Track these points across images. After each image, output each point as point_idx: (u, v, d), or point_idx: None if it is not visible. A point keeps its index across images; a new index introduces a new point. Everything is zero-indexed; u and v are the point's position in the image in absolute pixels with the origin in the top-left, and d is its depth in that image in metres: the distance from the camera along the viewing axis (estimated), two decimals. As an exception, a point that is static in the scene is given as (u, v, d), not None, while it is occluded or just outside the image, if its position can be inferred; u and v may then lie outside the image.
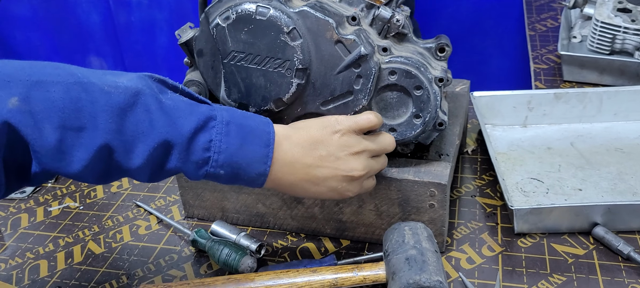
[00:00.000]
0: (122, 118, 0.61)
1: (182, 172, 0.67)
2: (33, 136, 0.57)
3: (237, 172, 0.68)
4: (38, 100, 0.57)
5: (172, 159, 0.65)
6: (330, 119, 0.74)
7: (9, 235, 0.99)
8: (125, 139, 0.61)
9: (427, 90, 0.79)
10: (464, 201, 0.99)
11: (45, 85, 0.58)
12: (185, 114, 0.65)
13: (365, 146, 0.75)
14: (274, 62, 0.74)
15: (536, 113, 1.15)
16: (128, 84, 0.62)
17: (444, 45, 0.85)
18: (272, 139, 0.69)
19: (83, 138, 0.59)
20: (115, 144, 0.61)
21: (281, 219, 0.94)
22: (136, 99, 0.62)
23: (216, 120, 0.67)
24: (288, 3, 0.74)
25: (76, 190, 1.09)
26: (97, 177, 0.64)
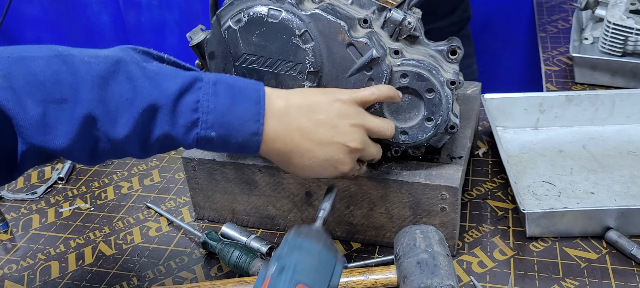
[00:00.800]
0: (103, 87, 0.59)
1: (173, 140, 0.65)
2: (16, 111, 0.56)
3: (229, 134, 0.65)
4: (19, 75, 0.57)
5: (160, 124, 0.63)
6: (333, 88, 0.73)
7: (20, 236, 0.99)
8: (108, 107, 0.60)
9: (439, 93, 0.79)
10: (475, 204, 0.98)
11: (26, 61, 0.58)
12: (170, 77, 0.63)
13: (364, 120, 0.73)
14: (285, 65, 0.74)
15: (548, 115, 1.14)
16: (109, 54, 0.62)
17: (455, 48, 0.84)
18: (262, 97, 0.67)
19: (66, 110, 0.58)
20: (98, 113, 0.59)
21: (292, 221, 0.94)
22: (117, 66, 0.61)
23: (203, 81, 0.65)
24: (300, 6, 0.74)
25: (87, 191, 1.10)
26: (87, 153, 0.62)
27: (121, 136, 0.61)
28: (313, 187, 0.89)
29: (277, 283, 0.60)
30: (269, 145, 0.68)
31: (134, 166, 1.16)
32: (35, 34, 2.36)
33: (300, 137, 0.69)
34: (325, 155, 0.70)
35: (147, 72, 0.63)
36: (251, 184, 0.92)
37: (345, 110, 0.71)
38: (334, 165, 0.72)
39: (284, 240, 0.66)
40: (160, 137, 0.64)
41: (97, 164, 0.67)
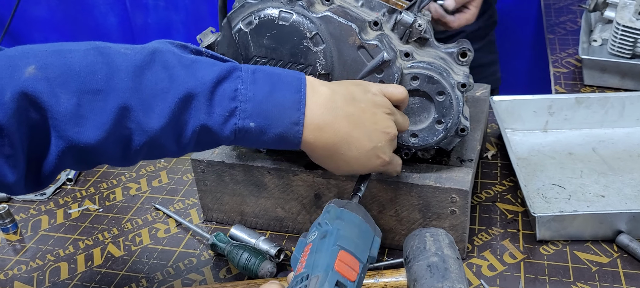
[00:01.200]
0: (139, 76, 0.58)
1: (210, 131, 0.62)
2: (50, 102, 0.55)
3: (268, 123, 0.62)
4: (54, 67, 0.56)
5: (196, 113, 0.60)
6: (361, 81, 0.72)
7: (29, 237, 0.99)
8: (143, 97, 0.58)
9: (450, 95, 0.78)
10: (485, 207, 0.98)
11: (63, 53, 0.57)
12: (207, 66, 0.61)
13: (394, 110, 0.73)
14: (296, 67, 0.74)
15: (557, 118, 1.14)
16: (146, 45, 0.61)
17: (466, 50, 0.84)
18: (304, 85, 0.64)
19: (100, 100, 0.56)
20: (133, 103, 0.57)
21: (300, 223, 0.94)
22: (153, 56, 0.59)
23: (241, 70, 0.62)
24: (311, 8, 0.74)
25: (95, 192, 1.10)
26: (121, 148, 0.60)
27: (156, 127, 0.59)
28: (322, 189, 0.89)
29: (321, 247, 0.61)
30: (317, 135, 0.65)
31: (142, 167, 1.16)
32: (42, 35, 2.37)
33: (349, 124, 0.66)
34: (371, 144, 0.68)
35: (184, 61, 0.61)
36: (260, 186, 0.92)
37: (379, 100, 0.70)
38: (377, 153, 0.70)
39: (324, 210, 0.66)
40: (197, 129, 0.61)
41: (132, 165, 0.64)
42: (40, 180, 0.61)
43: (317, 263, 0.59)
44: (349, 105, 0.67)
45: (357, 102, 0.68)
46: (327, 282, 0.56)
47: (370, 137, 0.68)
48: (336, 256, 0.59)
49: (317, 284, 0.56)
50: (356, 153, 0.68)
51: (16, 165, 0.56)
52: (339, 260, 0.59)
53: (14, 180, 0.57)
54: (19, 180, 0.58)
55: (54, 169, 0.59)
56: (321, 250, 0.60)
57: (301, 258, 0.61)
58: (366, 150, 0.69)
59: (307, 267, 0.59)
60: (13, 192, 0.60)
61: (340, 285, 0.57)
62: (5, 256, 0.95)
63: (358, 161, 0.69)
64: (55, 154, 0.58)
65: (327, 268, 0.58)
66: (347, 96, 0.67)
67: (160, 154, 0.64)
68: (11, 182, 0.57)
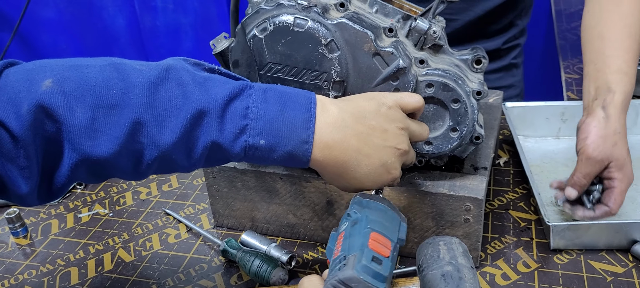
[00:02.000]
0: (153, 92, 0.59)
1: (220, 148, 0.63)
2: (65, 116, 0.56)
3: (278, 141, 0.63)
4: (71, 81, 0.57)
5: (207, 129, 0.61)
6: (376, 93, 0.71)
7: (39, 241, 0.99)
8: (157, 112, 0.59)
9: (465, 103, 0.78)
10: (497, 214, 0.97)
11: (80, 68, 0.59)
12: (220, 83, 0.63)
13: (408, 124, 0.71)
14: (311, 74, 0.74)
15: (570, 125, 1.13)
16: (161, 62, 0.62)
17: (480, 57, 0.83)
18: (314, 104, 0.65)
19: (115, 115, 0.58)
20: (146, 118, 0.59)
21: (312, 230, 0.94)
22: (168, 73, 0.61)
23: (253, 89, 0.64)
24: (326, 15, 0.73)
25: (105, 196, 1.10)
26: (133, 162, 0.61)
27: (169, 143, 0.60)
28: (335, 196, 0.88)
29: (353, 232, 0.64)
30: (326, 154, 0.65)
31: (152, 171, 1.16)
32: (51, 36, 2.38)
33: (358, 142, 0.67)
34: (380, 161, 0.68)
35: (197, 79, 0.62)
36: (272, 192, 0.92)
37: (392, 114, 0.69)
38: (388, 169, 0.69)
39: (351, 203, 0.69)
40: (208, 145, 0.62)
41: (143, 179, 0.65)
42: (52, 192, 0.62)
43: (352, 246, 0.62)
44: (358, 124, 0.67)
45: (367, 119, 0.68)
46: (364, 257, 0.59)
47: (379, 155, 0.68)
48: (369, 237, 0.62)
49: (354, 261, 0.59)
50: (366, 170, 0.68)
51: (30, 176, 0.58)
52: (372, 240, 0.62)
53: (27, 191, 0.58)
54: (32, 192, 0.59)
55: (66, 182, 0.60)
56: (354, 234, 0.64)
57: (336, 246, 0.65)
58: (376, 166, 0.68)
59: (343, 251, 0.63)
60: (25, 203, 0.61)
61: (376, 260, 0.60)
62: (15, 260, 0.95)
63: (368, 177, 0.69)
64: (68, 166, 0.59)
65: (362, 247, 0.61)
66: (356, 114, 0.67)
67: (171, 169, 0.64)
68: (24, 193, 0.58)
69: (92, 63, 0.59)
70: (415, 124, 0.73)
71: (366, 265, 0.59)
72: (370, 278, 0.58)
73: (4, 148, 0.56)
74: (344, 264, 0.60)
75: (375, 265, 0.59)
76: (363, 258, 0.59)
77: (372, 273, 0.59)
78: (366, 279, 0.58)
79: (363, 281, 0.58)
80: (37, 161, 0.58)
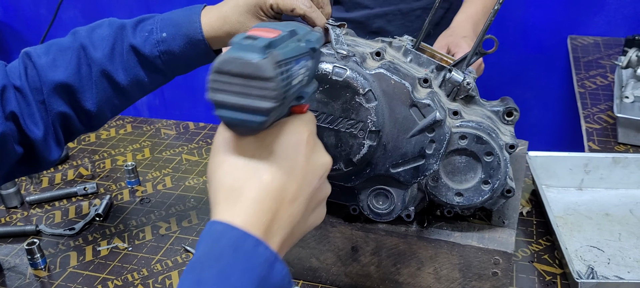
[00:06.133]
0: (91, 32, 0.82)
1: (137, 50, 0.81)
2: (38, 62, 0.81)
3: (176, 30, 0.82)
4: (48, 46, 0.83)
5: (126, 37, 0.82)
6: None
7: (58, 274, 0.98)
8: (93, 41, 0.82)
9: (498, 156, 0.78)
10: (521, 267, 0.96)
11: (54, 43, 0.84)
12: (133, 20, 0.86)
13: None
14: (347, 123, 0.74)
15: (593, 176, 1.13)
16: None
17: (512, 110, 0.84)
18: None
19: (67, 53, 0.81)
20: (87, 44, 0.81)
21: (334, 275, 0.92)
22: (103, 22, 0.85)
23: (155, 16, 0.85)
24: (363, 64, 0.73)
25: (124, 229, 1.09)
26: (82, 80, 0.81)
27: (100, 56, 0.81)
28: (360, 242, 0.88)
29: None
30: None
31: (171, 206, 1.15)
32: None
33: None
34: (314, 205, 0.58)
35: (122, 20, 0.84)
36: (296, 235, 0.91)
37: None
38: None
39: None
40: (127, 48, 0.82)
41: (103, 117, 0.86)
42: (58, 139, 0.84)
43: None
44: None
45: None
46: (236, 38, 0.51)
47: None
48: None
49: None
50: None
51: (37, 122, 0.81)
52: (253, 29, 0.53)
53: (41, 135, 0.81)
54: (45, 136, 0.82)
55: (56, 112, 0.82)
56: None
57: None
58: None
59: None
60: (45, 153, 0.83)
61: (250, 38, 0.50)
62: (33, 293, 0.94)
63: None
64: (48, 94, 0.80)
65: None
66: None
67: (114, 88, 0.83)
68: (39, 137, 0.80)
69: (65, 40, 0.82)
70: None
71: (237, 42, 0.50)
72: (241, 52, 0.48)
73: (13, 103, 0.78)
74: None
75: (248, 41, 0.50)
76: (235, 38, 0.51)
77: (243, 48, 0.49)
78: (235, 54, 0.48)
79: (233, 57, 0.48)
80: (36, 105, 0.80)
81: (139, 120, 1.53)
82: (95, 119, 0.85)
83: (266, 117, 0.49)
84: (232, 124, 0.51)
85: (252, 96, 0.48)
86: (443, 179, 0.80)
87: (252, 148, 0.53)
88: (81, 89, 0.81)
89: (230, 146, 0.53)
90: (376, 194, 0.81)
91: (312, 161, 0.55)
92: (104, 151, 1.38)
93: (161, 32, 0.80)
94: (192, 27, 0.80)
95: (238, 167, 0.52)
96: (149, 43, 0.80)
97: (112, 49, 0.80)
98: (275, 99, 0.48)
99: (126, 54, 0.81)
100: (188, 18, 0.81)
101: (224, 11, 0.81)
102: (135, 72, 0.82)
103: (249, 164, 0.52)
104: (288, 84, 0.51)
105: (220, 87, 0.49)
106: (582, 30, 1.98)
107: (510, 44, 2.06)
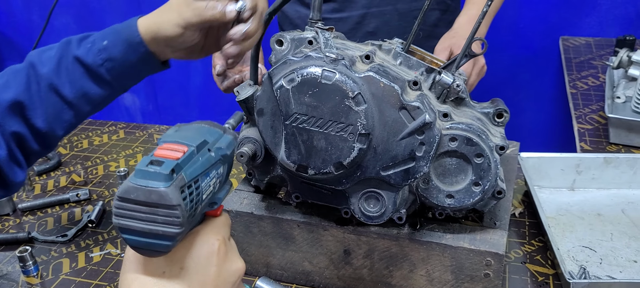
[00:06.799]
0: (40, 54, 0.84)
1: (81, 61, 0.82)
2: None
3: (115, 37, 0.83)
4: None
5: (71, 50, 0.83)
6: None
7: (50, 281, 0.98)
8: (41, 59, 0.83)
9: (488, 158, 0.78)
10: (514, 268, 0.96)
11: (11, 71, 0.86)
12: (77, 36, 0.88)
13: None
14: (336, 126, 0.74)
15: (584, 177, 1.13)
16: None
17: (502, 111, 0.84)
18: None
19: (19, 72, 0.83)
20: (35, 61, 0.83)
21: (327, 279, 0.92)
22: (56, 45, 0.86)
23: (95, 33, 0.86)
24: (353, 67, 0.74)
25: (117, 235, 1.09)
26: (31, 95, 0.82)
27: (47, 70, 0.82)
28: (352, 245, 0.88)
29: None
30: None
31: (164, 211, 1.15)
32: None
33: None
34: None
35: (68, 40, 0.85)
36: (288, 239, 0.91)
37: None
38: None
39: None
40: (72, 60, 0.83)
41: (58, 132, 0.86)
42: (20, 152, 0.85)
43: None
44: None
45: None
46: (140, 164, 0.51)
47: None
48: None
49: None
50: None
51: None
52: (159, 149, 0.53)
53: (5, 155, 0.82)
54: (8, 157, 0.83)
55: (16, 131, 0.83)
56: None
57: None
58: None
59: None
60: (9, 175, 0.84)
61: (155, 163, 0.50)
62: (25, 300, 0.94)
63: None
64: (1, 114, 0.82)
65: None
66: None
67: (60, 106, 0.84)
68: (3, 157, 0.82)
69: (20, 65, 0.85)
70: None
71: (141, 169, 0.49)
72: (144, 180, 0.49)
73: None
74: None
75: (154, 166, 0.50)
76: (139, 165, 0.51)
77: (147, 175, 0.49)
78: (139, 183, 0.49)
79: (137, 186, 0.49)
80: None
81: (131, 125, 1.53)
82: (47, 137, 0.85)
83: (173, 241, 0.50)
84: (139, 248, 0.51)
85: (158, 223, 0.49)
86: (434, 181, 0.80)
87: (162, 265, 0.54)
88: (31, 105, 0.82)
89: (141, 264, 0.54)
90: (367, 197, 0.81)
91: (224, 270, 0.56)
92: (97, 157, 1.38)
93: (102, 40, 0.82)
94: (130, 31, 0.81)
95: (148, 287, 0.53)
96: (92, 52, 0.82)
97: (58, 63, 0.82)
98: (180, 225, 0.49)
99: (71, 66, 0.82)
100: (127, 24, 0.83)
101: (158, 16, 0.81)
102: (81, 84, 0.83)
103: (160, 284, 0.53)
104: (197, 201, 0.53)
105: (126, 214, 0.49)
106: (573, 31, 1.99)
107: (502, 45, 2.06)
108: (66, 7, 2.44)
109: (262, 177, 0.89)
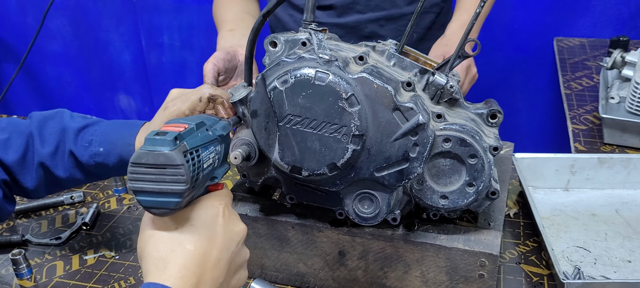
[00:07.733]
0: (43, 124, 0.91)
1: (75, 156, 0.89)
2: None
3: (112, 147, 0.88)
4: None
5: (68, 142, 0.89)
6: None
7: (44, 284, 0.97)
8: (42, 134, 0.90)
9: (482, 158, 0.78)
10: (508, 268, 0.96)
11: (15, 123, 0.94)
12: (79, 118, 0.94)
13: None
14: (330, 127, 0.74)
15: (579, 177, 1.13)
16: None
17: (495, 112, 0.84)
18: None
19: (19, 136, 0.90)
20: (35, 134, 0.90)
21: (322, 280, 0.92)
22: (56, 113, 0.93)
23: (100, 122, 0.92)
24: (346, 68, 0.74)
25: (111, 238, 1.08)
26: (26, 165, 0.90)
27: (46, 152, 0.89)
28: (347, 246, 0.88)
29: None
30: None
31: (159, 213, 1.14)
32: (56, 69, 2.38)
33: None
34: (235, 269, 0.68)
35: (73, 118, 0.93)
36: (283, 240, 0.91)
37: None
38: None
39: None
40: (68, 153, 0.90)
41: (43, 193, 0.95)
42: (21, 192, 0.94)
43: None
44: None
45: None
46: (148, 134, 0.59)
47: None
48: None
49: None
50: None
51: None
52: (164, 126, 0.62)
53: None
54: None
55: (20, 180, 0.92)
56: None
57: None
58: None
59: None
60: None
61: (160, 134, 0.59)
62: (19, 303, 0.93)
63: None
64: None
65: None
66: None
67: (54, 180, 0.91)
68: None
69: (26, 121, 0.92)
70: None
71: (149, 138, 0.58)
72: (152, 147, 0.58)
73: None
74: None
75: (159, 136, 0.58)
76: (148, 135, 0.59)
77: (155, 142, 0.58)
78: (148, 149, 0.57)
79: (146, 151, 0.57)
80: None
81: (126, 127, 1.52)
82: (32, 194, 0.93)
83: (180, 198, 0.58)
84: (151, 208, 0.59)
85: (166, 182, 0.58)
86: (428, 182, 0.80)
87: (174, 223, 0.62)
88: (22, 172, 0.90)
89: (156, 223, 0.62)
90: (361, 198, 0.81)
91: (229, 229, 0.65)
92: (91, 159, 1.38)
93: (99, 146, 0.88)
94: (126, 149, 0.87)
95: (163, 240, 0.61)
96: (87, 153, 0.88)
97: (56, 148, 0.89)
98: (186, 182, 0.58)
99: (67, 157, 0.89)
100: (124, 139, 0.88)
101: None
102: (72, 172, 0.91)
103: (173, 236, 0.61)
104: (199, 167, 0.61)
105: (138, 177, 0.58)
106: (568, 32, 2.00)
107: (496, 46, 2.07)
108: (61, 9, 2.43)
109: (256, 178, 0.88)
